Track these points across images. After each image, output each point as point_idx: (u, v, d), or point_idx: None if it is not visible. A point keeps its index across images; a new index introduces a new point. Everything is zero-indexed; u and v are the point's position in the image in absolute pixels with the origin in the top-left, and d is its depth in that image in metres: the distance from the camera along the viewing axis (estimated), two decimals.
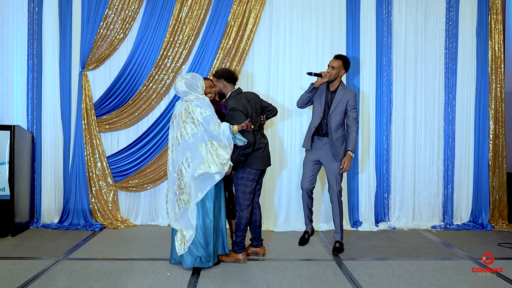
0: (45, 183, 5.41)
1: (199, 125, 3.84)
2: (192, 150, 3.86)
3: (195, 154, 3.85)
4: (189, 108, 3.87)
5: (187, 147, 3.87)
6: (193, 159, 3.84)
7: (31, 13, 5.36)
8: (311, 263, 4.16)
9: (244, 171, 4.19)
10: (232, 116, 4.06)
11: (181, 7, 5.33)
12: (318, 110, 4.64)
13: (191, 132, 3.86)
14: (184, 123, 3.88)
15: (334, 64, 4.54)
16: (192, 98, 3.95)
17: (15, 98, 5.41)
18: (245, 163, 4.17)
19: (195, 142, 3.85)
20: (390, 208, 5.71)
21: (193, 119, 3.85)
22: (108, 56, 5.41)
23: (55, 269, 3.86)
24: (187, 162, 3.87)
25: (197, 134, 3.85)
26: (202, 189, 3.87)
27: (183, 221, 3.90)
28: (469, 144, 5.75)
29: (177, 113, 3.98)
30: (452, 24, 5.66)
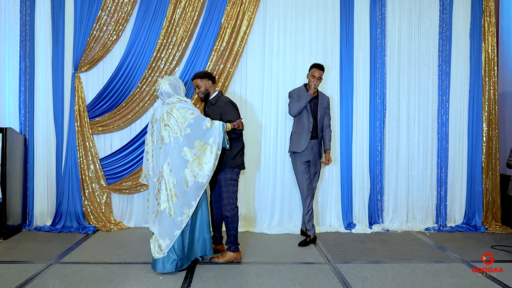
0: (38, 186, 5.38)
1: (187, 127, 3.80)
2: (173, 154, 3.82)
3: (177, 158, 3.81)
4: (172, 111, 3.83)
5: (168, 151, 3.83)
6: (175, 164, 3.80)
7: (23, 14, 5.32)
8: (304, 266, 4.16)
9: (233, 172, 4.26)
10: (229, 109, 4.19)
11: (175, 9, 5.31)
12: (307, 115, 4.92)
13: (173, 136, 3.81)
14: (166, 126, 3.83)
15: (319, 75, 4.87)
16: (174, 100, 3.92)
17: (7, 100, 5.38)
18: (233, 164, 4.23)
19: (176, 146, 3.81)
20: (384, 210, 5.71)
21: (176, 122, 3.80)
22: (101, 57, 5.38)
23: (47, 273, 3.84)
24: (168, 166, 3.82)
25: (178, 139, 3.80)
26: (195, 198, 3.86)
27: (162, 228, 3.84)
28: (462, 146, 5.76)
29: (157, 116, 3.93)
30: (445, 26, 5.67)
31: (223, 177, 4.24)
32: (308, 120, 4.91)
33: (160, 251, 3.81)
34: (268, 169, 5.50)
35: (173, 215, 3.82)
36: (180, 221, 3.83)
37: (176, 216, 3.82)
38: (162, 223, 3.84)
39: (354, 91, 5.56)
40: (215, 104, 4.31)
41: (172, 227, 3.82)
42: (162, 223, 3.84)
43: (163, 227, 3.84)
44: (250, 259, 4.37)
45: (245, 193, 5.55)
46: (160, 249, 3.81)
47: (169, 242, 3.82)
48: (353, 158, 5.58)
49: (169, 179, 3.82)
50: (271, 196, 5.52)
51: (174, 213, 3.82)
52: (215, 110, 4.27)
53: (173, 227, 3.82)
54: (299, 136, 4.94)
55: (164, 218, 3.83)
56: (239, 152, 4.31)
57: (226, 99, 4.33)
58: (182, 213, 3.83)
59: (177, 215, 3.82)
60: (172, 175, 3.81)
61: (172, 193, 3.82)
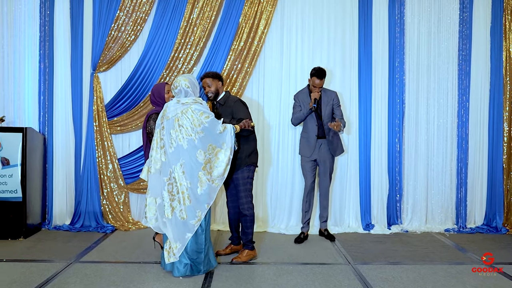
0: (57, 185, 5.42)
1: (200, 131, 3.73)
2: (185, 157, 3.73)
3: (190, 160, 3.73)
4: (187, 113, 3.74)
5: (181, 153, 3.74)
6: (188, 167, 3.73)
7: (42, 15, 5.37)
8: (324, 267, 4.12)
9: (249, 169, 4.28)
10: (240, 107, 4.21)
11: (192, 9, 5.31)
12: (311, 119, 4.95)
13: (187, 138, 3.73)
14: (180, 127, 3.74)
15: (320, 84, 4.82)
16: (190, 101, 3.82)
17: (27, 100, 5.43)
18: (249, 161, 4.25)
19: (190, 149, 3.73)
20: (403, 211, 5.66)
21: (191, 124, 3.72)
22: (119, 57, 5.41)
23: (67, 273, 3.86)
24: (181, 168, 3.74)
25: (193, 141, 3.73)
26: (209, 201, 3.80)
27: (174, 231, 3.77)
28: (483, 146, 5.68)
29: (170, 115, 3.79)
30: (465, 25, 5.59)
31: (240, 175, 4.24)
32: (312, 123, 4.95)
33: (173, 255, 3.74)
34: (286, 169, 5.48)
35: (185, 218, 3.73)
36: (192, 225, 3.74)
37: (188, 219, 3.74)
38: (174, 226, 3.76)
39: (373, 91, 5.52)
40: (224, 104, 4.31)
41: (184, 230, 3.74)
42: (174, 226, 3.76)
43: (175, 231, 3.76)
44: (269, 259, 4.36)
45: (263, 194, 5.54)
46: (173, 253, 3.75)
47: (180, 246, 3.74)
48: (371, 159, 5.53)
49: (182, 181, 3.73)
50: (289, 196, 5.50)
51: (186, 216, 3.73)
52: (226, 110, 4.27)
53: (185, 230, 3.74)
54: (306, 140, 5.01)
55: (176, 221, 3.75)
56: (253, 150, 4.33)
57: (235, 98, 4.35)
58: (194, 216, 3.75)
59: (189, 218, 3.74)
60: (185, 177, 3.73)
61: (185, 195, 3.73)
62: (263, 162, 5.49)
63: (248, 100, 5.25)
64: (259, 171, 5.45)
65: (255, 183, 5.39)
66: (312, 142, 4.96)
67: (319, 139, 4.96)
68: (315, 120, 4.93)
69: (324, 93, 4.96)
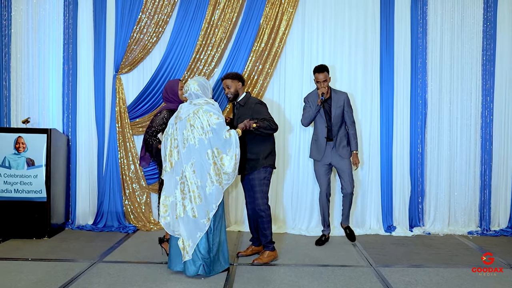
0: (80, 185, 5.50)
1: (209, 131, 3.77)
2: (196, 156, 3.79)
3: (200, 160, 3.79)
4: (198, 113, 3.81)
5: (193, 152, 3.80)
6: (199, 166, 3.79)
7: (66, 18, 5.44)
8: (345, 269, 4.11)
9: (266, 171, 4.30)
10: (260, 109, 4.24)
11: (214, 10, 5.33)
12: (320, 120, 4.88)
13: (198, 137, 3.78)
14: (191, 127, 3.80)
15: (323, 78, 4.73)
16: (202, 102, 3.89)
17: (51, 102, 5.52)
18: (267, 163, 4.27)
19: (201, 148, 3.78)
20: (425, 213, 5.59)
21: (202, 124, 3.78)
22: (142, 59, 5.46)
23: (91, 272, 3.91)
24: (192, 167, 3.80)
25: (203, 140, 3.78)
26: (216, 201, 3.82)
27: (187, 230, 3.80)
28: (507, 148, 5.59)
29: (183, 115, 3.87)
30: (489, 24, 5.50)
31: (256, 176, 4.26)
32: (322, 125, 4.88)
33: (186, 253, 3.78)
34: (307, 169, 5.47)
35: (196, 216, 3.78)
36: (203, 223, 3.79)
37: (199, 218, 3.78)
38: (186, 224, 3.81)
39: (395, 92, 5.47)
40: (244, 106, 4.32)
41: (195, 229, 3.79)
42: (186, 225, 3.81)
43: (187, 228, 3.81)
44: (290, 261, 4.35)
45: (283, 195, 5.54)
46: (186, 251, 3.78)
47: (192, 244, 3.79)
48: (393, 160, 5.48)
49: (192, 180, 3.79)
50: (309, 197, 5.48)
51: (197, 214, 3.78)
52: (245, 111, 4.28)
53: (196, 229, 3.79)
54: (316, 144, 4.96)
55: (187, 220, 3.80)
56: (271, 152, 4.34)
57: (256, 100, 4.37)
58: (205, 215, 3.79)
59: (200, 217, 3.78)
60: (196, 176, 3.79)
61: (196, 194, 3.78)
62: (284, 163, 5.49)
63: (268, 101, 5.27)
64: (280, 172, 5.45)
65: (275, 184, 5.42)
66: (322, 144, 4.88)
67: (329, 141, 4.88)
68: (325, 121, 4.86)
69: (334, 93, 4.90)
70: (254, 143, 4.25)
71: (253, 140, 4.24)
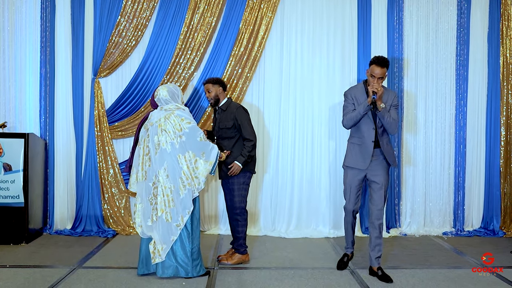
0: (58, 190, 5.44)
1: (181, 135, 3.84)
2: (169, 160, 3.85)
3: (172, 164, 3.84)
4: (170, 118, 3.87)
5: (165, 156, 3.85)
6: (171, 170, 3.84)
7: (43, 20, 5.39)
8: (324, 272, 4.17)
9: (245, 176, 4.37)
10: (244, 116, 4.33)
11: (193, 14, 5.34)
12: (367, 121, 4.05)
13: (170, 141, 3.84)
14: (163, 131, 3.85)
15: (381, 74, 3.93)
16: (172, 107, 3.96)
17: (28, 106, 5.45)
18: (247, 168, 4.35)
19: (173, 152, 3.84)
20: (401, 214, 5.71)
21: (173, 128, 3.84)
22: (120, 63, 5.44)
23: (71, 278, 3.89)
24: (165, 172, 3.84)
25: (175, 145, 3.84)
26: (189, 207, 3.87)
27: (160, 234, 3.85)
28: (480, 150, 5.75)
29: (153, 120, 3.94)
30: (463, 30, 5.65)
31: (236, 181, 4.32)
32: (370, 127, 4.05)
33: (159, 256, 3.83)
34: (285, 173, 5.52)
35: (170, 220, 3.83)
36: (176, 227, 3.84)
37: (172, 221, 3.84)
38: (160, 228, 3.85)
39: None
40: (226, 110, 4.37)
41: (168, 233, 3.83)
42: (160, 229, 3.85)
43: (161, 232, 3.85)
44: (270, 264, 4.40)
45: (262, 198, 5.58)
46: (159, 254, 3.84)
47: (165, 247, 3.84)
48: None
49: (166, 185, 3.84)
50: (288, 200, 5.54)
51: (171, 218, 3.83)
52: (227, 115, 4.33)
53: (170, 233, 3.84)
54: (359, 149, 4.11)
55: (161, 223, 3.84)
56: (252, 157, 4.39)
57: (237, 105, 4.43)
58: (177, 219, 3.84)
59: (173, 220, 3.84)
60: (169, 180, 3.84)
61: (170, 198, 3.83)
62: (263, 167, 5.53)
63: (248, 105, 5.30)
64: (260, 174, 5.49)
65: (256, 187, 5.47)
66: (368, 150, 4.04)
67: (375, 148, 4.06)
68: (372, 122, 4.04)
69: (385, 91, 4.07)
70: (234, 148, 4.30)
71: (233, 146, 4.29)
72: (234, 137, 4.32)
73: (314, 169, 5.54)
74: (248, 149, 4.25)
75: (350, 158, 4.19)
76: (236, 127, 4.30)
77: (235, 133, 4.32)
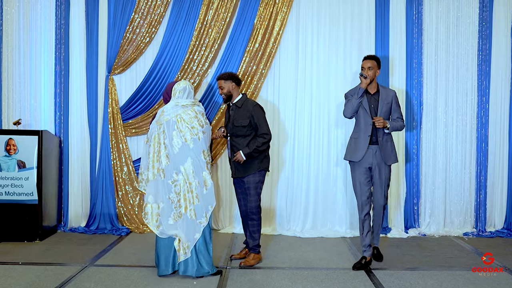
0: (72, 187, 5.45)
1: (204, 130, 3.86)
2: (192, 156, 3.80)
3: (197, 159, 3.81)
4: (191, 113, 3.85)
5: (187, 152, 3.81)
6: (196, 166, 3.81)
7: (58, 18, 5.39)
8: (339, 273, 4.06)
9: (261, 174, 4.29)
10: (260, 115, 4.23)
11: (207, 10, 5.28)
12: (365, 116, 4.24)
13: (192, 137, 3.80)
14: (185, 127, 3.80)
15: (369, 64, 4.18)
16: (189, 103, 3.93)
17: (43, 103, 5.46)
18: (262, 166, 4.26)
19: (196, 147, 3.81)
20: (420, 214, 5.55)
21: (197, 124, 3.84)
22: (134, 60, 5.41)
23: (82, 276, 3.86)
24: (191, 167, 3.80)
25: (197, 140, 3.81)
26: (212, 202, 3.86)
27: (186, 231, 3.80)
28: (503, 148, 5.55)
29: (169, 116, 3.85)
30: (485, 24, 5.45)
31: (251, 179, 4.23)
32: (366, 121, 4.22)
33: (184, 254, 3.79)
34: (301, 171, 5.42)
35: (194, 217, 3.79)
36: (200, 224, 3.80)
37: (197, 218, 3.81)
38: (185, 226, 3.80)
39: None
40: (241, 107, 4.26)
41: (193, 230, 3.80)
42: (184, 226, 3.80)
43: (185, 230, 3.80)
44: (284, 264, 4.31)
45: (278, 196, 5.48)
46: (185, 252, 3.79)
47: (190, 244, 3.80)
48: None
49: (191, 180, 3.80)
50: (304, 199, 5.44)
51: (195, 215, 3.80)
52: (243, 113, 4.22)
53: (194, 230, 3.80)
54: (355, 142, 4.30)
55: (186, 221, 3.80)
56: (266, 155, 4.32)
57: (254, 102, 4.32)
58: (202, 216, 3.81)
59: (198, 217, 3.81)
60: (195, 176, 3.80)
61: (194, 194, 3.80)
62: (278, 165, 5.44)
63: (263, 101, 5.23)
64: (274, 174, 5.41)
65: (270, 186, 5.39)
66: (364, 143, 4.21)
67: (372, 144, 4.22)
68: (370, 117, 4.21)
69: (383, 89, 4.34)
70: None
71: (247, 144, 4.20)
72: (249, 135, 4.22)
73: (330, 167, 5.43)
74: (258, 143, 4.14)
75: (348, 151, 4.41)
76: (252, 126, 4.21)
77: (250, 131, 4.22)
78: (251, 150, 4.13)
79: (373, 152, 4.24)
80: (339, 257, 4.55)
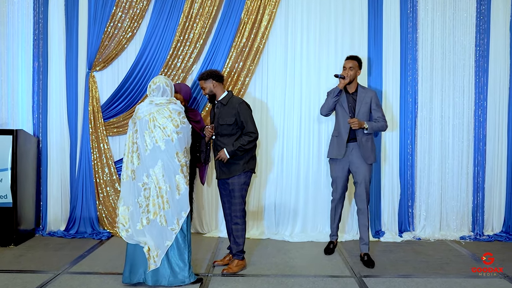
0: (51, 189, 5.21)
1: (179, 131, 3.56)
2: (164, 158, 3.53)
3: (169, 162, 3.53)
4: (164, 112, 3.57)
5: (158, 154, 3.54)
6: (167, 169, 3.53)
7: (36, 12, 5.16)
8: (328, 280, 3.83)
9: (246, 175, 4.05)
10: (246, 112, 4.00)
11: (192, 4, 5.04)
12: (343, 115, 4.41)
13: (165, 138, 3.53)
14: (156, 128, 3.54)
15: (350, 65, 4.34)
16: (164, 101, 3.64)
17: (20, 101, 5.22)
18: (248, 167, 4.02)
19: (169, 149, 3.53)
20: (415, 217, 5.31)
21: (171, 124, 3.55)
22: (116, 56, 5.17)
23: (52, 285, 3.62)
24: (161, 171, 3.53)
25: (170, 142, 3.53)
26: (186, 208, 3.59)
27: (154, 239, 3.54)
28: (501, 148, 5.32)
29: (142, 114, 3.60)
30: (483, 18, 5.22)
31: (237, 181, 3.99)
32: (344, 120, 4.37)
33: (154, 262, 3.52)
34: (290, 172, 5.19)
35: (164, 224, 3.53)
36: (171, 231, 3.54)
37: (168, 225, 3.54)
38: (154, 233, 3.54)
39: (383, 90, 5.19)
40: (227, 105, 4.02)
41: (163, 237, 3.53)
42: (154, 233, 3.54)
43: (154, 237, 3.54)
44: (269, 271, 4.07)
45: (266, 198, 5.24)
46: (154, 260, 3.52)
47: (160, 252, 3.53)
48: (381, 162, 5.20)
49: (161, 185, 3.53)
50: (293, 200, 5.21)
51: (165, 222, 3.53)
52: (228, 111, 3.99)
53: (164, 238, 3.53)
54: (336, 140, 4.47)
55: (155, 227, 3.53)
56: (252, 156, 4.09)
57: (239, 100, 4.08)
58: (173, 222, 3.54)
59: (168, 224, 3.54)
60: (165, 180, 3.53)
61: (164, 199, 3.52)
62: (267, 166, 5.20)
63: (251, 99, 5.02)
64: (263, 176, 5.18)
65: (258, 188, 5.19)
66: (343, 141, 4.36)
67: (351, 142, 4.39)
68: (346, 115, 4.37)
69: (362, 89, 4.47)
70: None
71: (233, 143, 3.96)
72: (235, 134, 3.98)
73: (321, 168, 5.18)
74: (243, 142, 3.90)
75: (329, 150, 4.56)
76: (237, 124, 3.97)
77: (236, 130, 3.99)
78: (235, 148, 3.89)
79: (350, 149, 4.39)
80: (328, 263, 4.31)
